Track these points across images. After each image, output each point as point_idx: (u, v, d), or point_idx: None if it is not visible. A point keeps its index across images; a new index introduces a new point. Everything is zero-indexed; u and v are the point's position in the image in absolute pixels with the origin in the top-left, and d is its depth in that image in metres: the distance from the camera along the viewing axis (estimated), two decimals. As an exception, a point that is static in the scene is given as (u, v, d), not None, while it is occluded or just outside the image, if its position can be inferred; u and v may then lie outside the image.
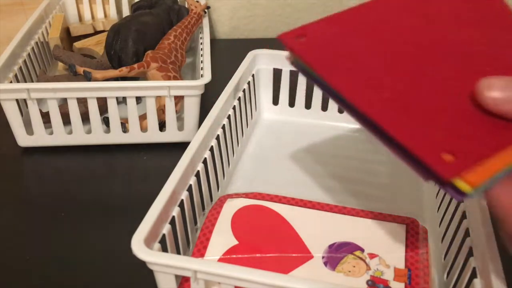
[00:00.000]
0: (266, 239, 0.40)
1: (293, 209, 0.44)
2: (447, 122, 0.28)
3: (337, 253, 0.39)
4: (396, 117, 0.29)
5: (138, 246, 0.34)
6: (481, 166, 0.26)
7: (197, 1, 0.76)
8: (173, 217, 0.40)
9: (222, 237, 0.40)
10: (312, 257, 0.39)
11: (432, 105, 0.29)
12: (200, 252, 0.40)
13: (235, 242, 0.40)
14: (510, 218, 0.27)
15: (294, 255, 0.39)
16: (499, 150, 0.27)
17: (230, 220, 0.42)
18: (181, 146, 0.44)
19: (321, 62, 0.32)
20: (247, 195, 0.45)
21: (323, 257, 0.39)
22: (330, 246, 0.40)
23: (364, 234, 0.41)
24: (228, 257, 0.39)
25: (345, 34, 0.33)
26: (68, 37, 0.75)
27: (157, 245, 0.37)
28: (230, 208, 0.43)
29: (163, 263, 0.34)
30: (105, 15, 0.80)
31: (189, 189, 0.43)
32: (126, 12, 0.81)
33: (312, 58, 0.32)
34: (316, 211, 0.44)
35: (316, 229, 0.42)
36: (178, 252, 0.41)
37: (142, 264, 0.34)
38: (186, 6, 0.75)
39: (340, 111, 0.62)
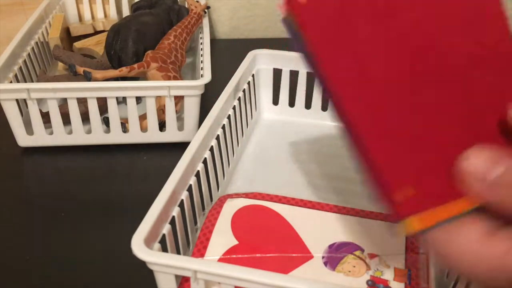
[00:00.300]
0: (266, 239, 0.40)
1: (293, 209, 0.44)
2: (428, 156, 0.27)
3: (337, 253, 0.39)
4: (378, 129, 0.27)
5: (138, 246, 0.34)
6: (432, 212, 0.25)
7: (197, 1, 0.76)
8: (173, 217, 0.40)
9: (222, 237, 0.40)
10: (312, 257, 0.39)
11: (423, 130, 0.27)
12: (200, 252, 0.40)
13: (235, 242, 0.40)
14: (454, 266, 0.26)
15: (294, 255, 0.39)
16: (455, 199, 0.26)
17: (230, 220, 0.42)
18: (181, 146, 0.44)
19: (320, 39, 0.27)
20: (247, 195, 0.45)
21: (323, 257, 0.39)
22: (330, 246, 0.40)
23: (364, 234, 0.41)
24: (228, 257, 0.39)
25: (354, 10, 0.27)
26: (68, 37, 0.75)
27: (157, 245, 0.37)
28: (230, 208, 0.43)
29: (163, 263, 0.34)
30: (105, 15, 0.80)
31: (189, 189, 0.43)
32: (126, 12, 0.81)
33: (312, 30, 0.27)
34: (316, 211, 0.44)
35: (316, 229, 0.42)
36: (178, 252, 0.41)
37: (142, 264, 0.34)
38: (186, 6, 0.75)
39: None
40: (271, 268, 0.34)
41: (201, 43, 0.69)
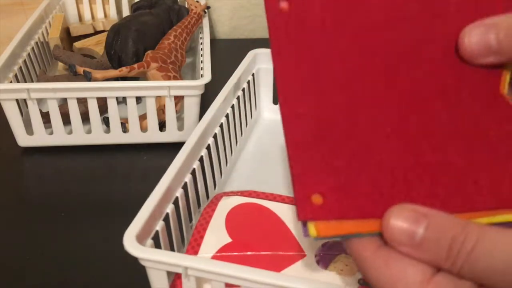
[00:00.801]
0: (260, 237, 0.40)
1: (287, 207, 0.44)
2: (353, 166, 0.26)
3: (330, 252, 0.39)
4: (303, 135, 0.27)
5: (130, 242, 0.34)
6: (338, 221, 0.25)
7: (197, 1, 0.76)
8: (168, 214, 0.40)
9: (216, 235, 0.40)
10: (305, 255, 0.39)
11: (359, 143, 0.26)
12: (194, 249, 0.40)
13: (229, 239, 0.40)
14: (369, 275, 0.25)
15: (287, 253, 0.39)
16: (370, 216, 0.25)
17: (225, 217, 0.42)
18: (181, 146, 0.44)
19: (283, 40, 0.27)
20: (242, 193, 0.45)
21: (315, 256, 0.39)
22: (323, 245, 0.40)
23: None
24: (222, 254, 0.39)
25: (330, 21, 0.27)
26: (68, 37, 0.75)
27: (149, 242, 0.37)
28: (225, 205, 0.43)
29: (155, 259, 0.34)
30: (105, 15, 0.80)
31: (184, 187, 0.43)
32: (126, 12, 0.81)
33: (277, 32, 0.27)
34: None
35: None
36: (172, 249, 0.42)
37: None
38: (186, 6, 0.75)
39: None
40: (264, 266, 0.34)
41: (201, 43, 0.69)
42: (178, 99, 0.59)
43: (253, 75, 0.60)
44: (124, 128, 0.59)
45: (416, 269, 0.24)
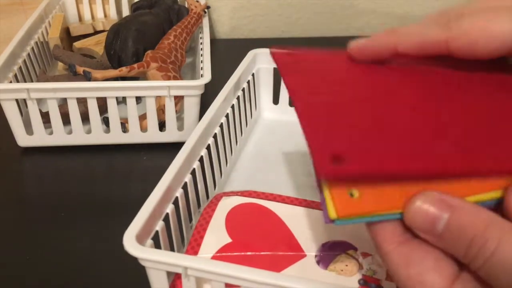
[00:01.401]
0: (260, 237, 0.40)
1: (288, 207, 0.43)
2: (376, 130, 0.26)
3: (330, 252, 0.39)
4: (317, 112, 0.28)
5: (130, 242, 0.34)
6: (363, 196, 0.24)
7: (197, 1, 0.76)
8: (168, 214, 0.40)
9: (216, 235, 0.40)
10: (305, 255, 0.39)
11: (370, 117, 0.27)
12: (193, 249, 0.40)
13: (229, 240, 0.40)
14: (397, 276, 0.25)
15: (287, 253, 0.39)
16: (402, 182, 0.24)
17: (225, 218, 0.42)
18: (181, 146, 0.44)
19: (288, 67, 0.33)
20: (242, 193, 0.45)
21: (315, 256, 0.39)
22: (324, 245, 0.40)
23: (358, 233, 0.41)
24: (222, 255, 0.39)
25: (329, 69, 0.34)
26: (68, 37, 0.75)
27: (149, 242, 0.37)
28: (225, 206, 0.43)
29: (154, 259, 0.34)
30: (105, 15, 0.80)
31: (184, 187, 0.43)
32: (126, 12, 0.81)
33: (283, 63, 0.34)
34: (310, 209, 0.43)
35: (310, 228, 0.41)
36: (172, 249, 0.41)
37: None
38: (186, 6, 0.75)
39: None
40: (264, 266, 0.34)
41: (201, 43, 0.69)
42: (178, 99, 0.59)
43: (253, 75, 0.60)
44: (124, 128, 0.59)
45: (435, 276, 0.24)
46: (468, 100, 0.29)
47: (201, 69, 0.61)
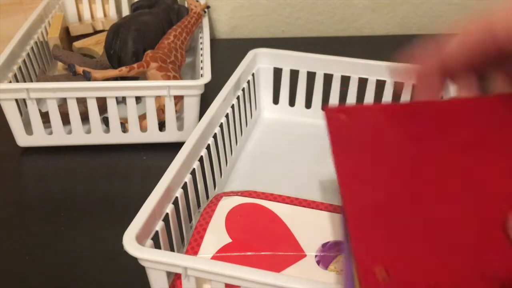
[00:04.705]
0: (260, 237, 0.40)
1: (288, 207, 0.43)
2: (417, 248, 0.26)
3: (330, 252, 0.39)
4: (365, 218, 0.28)
5: (130, 242, 0.34)
6: None
7: (197, 1, 0.76)
8: (167, 214, 0.40)
9: (216, 235, 0.40)
10: (305, 255, 0.39)
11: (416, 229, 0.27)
12: (193, 249, 0.40)
13: (229, 240, 0.40)
14: None
15: (287, 253, 0.39)
16: None
17: (225, 218, 0.42)
18: (181, 146, 0.44)
19: (339, 134, 0.33)
20: (242, 193, 0.45)
21: (316, 256, 0.39)
22: (324, 245, 0.40)
23: None
24: (222, 255, 0.39)
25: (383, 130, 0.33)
26: (68, 37, 0.75)
27: (149, 242, 0.37)
28: (225, 206, 0.43)
29: (154, 259, 0.34)
30: (105, 15, 0.80)
31: (184, 187, 0.43)
32: (125, 11, 0.81)
33: (336, 133, 0.33)
34: (311, 209, 0.43)
35: (311, 228, 0.41)
36: (172, 250, 0.41)
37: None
38: (186, 5, 0.75)
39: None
40: (263, 266, 0.34)
41: (201, 43, 0.69)
42: (178, 99, 0.59)
43: (253, 74, 0.60)
44: (124, 128, 0.59)
45: None
46: None
47: (201, 69, 0.61)
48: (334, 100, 0.61)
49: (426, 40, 0.34)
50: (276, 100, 0.63)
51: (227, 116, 0.53)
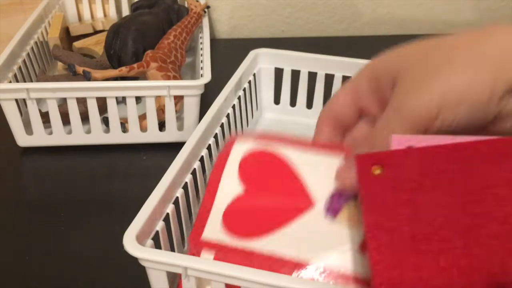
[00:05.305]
0: (270, 189, 0.39)
1: (305, 154, 0.41)
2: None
3: (339, 201, 0.37)
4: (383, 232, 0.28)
5: (130, 242, 0.34)
6: None
7: (197, 1, 0.76)
8: (168, 214, 0.40)
9: (229, 186, 0.39)
10: (313, 206, 0.37)
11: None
12: (208, 199, 0.39)
13: (241, 190, 0.39)
14: None
15: (295, 204, 0.38)
16: None
17: (238, 166, 0.40)
18: (181, 146, 0.44)
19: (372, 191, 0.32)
20: (258, 137, 0.42)
21: (325, 206, 0.37)
22: (332, 196, 0.37)
23: None
24: (235, 206, 0.38)
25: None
26: (68, 37, 0.74)
27: (149, 242, 0.37)
28: (238, 153, 0.41)
29: (154, 259, 0.34)
30: (105, 15, 0.80)
31: (185, 187, 0.43)
32: (125, 12, 0.81)
33: (369, 195, 0.32)
34: (329, 156, 0.40)
35: (325, 177, 0.39)
36: (172, 250, 0.41)
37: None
38: (186, 5, 0.75)
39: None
40: (269, 221, 0.35)
41: (201, 43, 0.69)
42: (178, 99, 0.59)
43: (254, 75, 0.60)
44: (124, 128, 0.59)
45: None
46: None
47: (201, 69, 0.60)
48: (334, 100, 0.61)
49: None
50: (277, 100, 0.63)
51: (228, 116, 0.53)
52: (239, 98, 0.56)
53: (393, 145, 0.32)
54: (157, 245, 0.38)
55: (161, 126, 0.60)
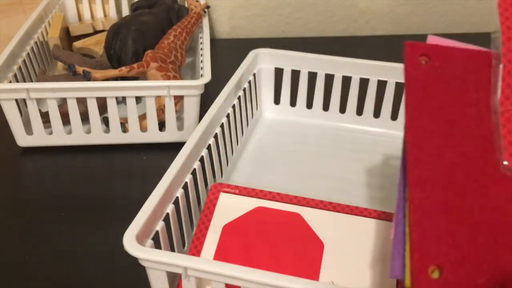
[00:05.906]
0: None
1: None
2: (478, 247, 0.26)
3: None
4: (428, 214, 0.27)
5: (130, 242, 0.34)
6: None
7: (197, 1, 0.76)
8: (168, 214, 0.40)
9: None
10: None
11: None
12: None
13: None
14: None
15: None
16: None
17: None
18: (181, 146, 0.44)
19: (420, 102, 0.31)
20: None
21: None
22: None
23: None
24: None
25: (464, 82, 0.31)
26: (68, 37, 0.74)
27: (149, 242, 0.37)
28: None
29: (154, 259, 0.34)
30: (105, 15, 0.80)
31: (185, 187, 0.43)
32: (125, 12, 0.81)
33: (413, 84, 0.31)
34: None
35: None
36: (172, 250, 0.41)
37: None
38: (186, 5, 0.75)
39: (342, 111, 0.61)
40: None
41: (201, 43, 0.69)
42: (178, 99, 0.59)
43: (254, 75, 0.60)
44: (124, 128, 0.59)
45: None
46: None
47: (201, 69, 0.60)
48: (335, 100, 0.61)
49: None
50: (277, 100, 0.63)
51: (228, 116, 0.53)
52: (239, 98, 0.56)
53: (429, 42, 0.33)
54: (157, 245, 0.38)
55: (161, 126, 0.60)
